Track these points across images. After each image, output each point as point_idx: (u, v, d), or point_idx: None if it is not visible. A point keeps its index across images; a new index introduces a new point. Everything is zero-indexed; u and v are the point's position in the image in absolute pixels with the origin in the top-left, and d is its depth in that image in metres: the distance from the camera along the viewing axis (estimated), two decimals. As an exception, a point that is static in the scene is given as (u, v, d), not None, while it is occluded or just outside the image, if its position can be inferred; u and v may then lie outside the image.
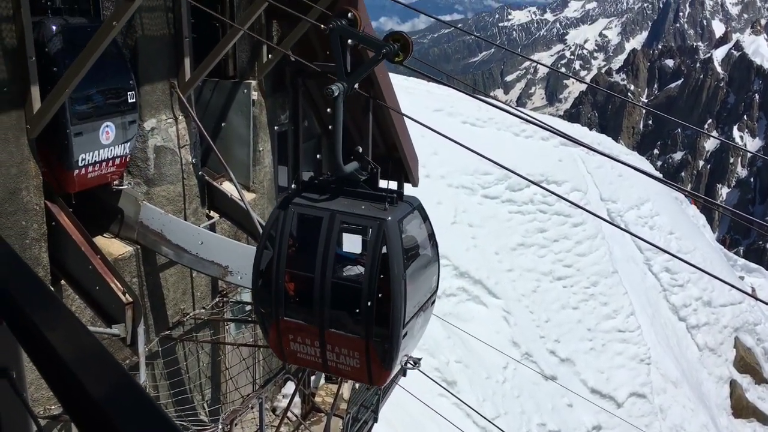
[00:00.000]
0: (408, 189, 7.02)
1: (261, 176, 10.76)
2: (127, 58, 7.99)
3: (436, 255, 6.82)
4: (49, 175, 7.32)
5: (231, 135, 10.48)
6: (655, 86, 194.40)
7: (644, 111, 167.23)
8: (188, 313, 9.52)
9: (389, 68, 10.00)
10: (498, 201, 25.02)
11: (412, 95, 25.91)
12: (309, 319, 6.28)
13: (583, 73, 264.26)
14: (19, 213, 6.87)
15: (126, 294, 7.37)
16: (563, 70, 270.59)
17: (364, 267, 6.14)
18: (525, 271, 23.93)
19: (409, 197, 6.58)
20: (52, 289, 5.37)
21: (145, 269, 8.69)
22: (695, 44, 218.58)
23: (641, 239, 9.73)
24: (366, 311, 6.00)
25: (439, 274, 6.94)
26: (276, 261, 6.28)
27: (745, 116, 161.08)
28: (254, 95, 10.34)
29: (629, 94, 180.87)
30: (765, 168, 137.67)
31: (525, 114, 9.73)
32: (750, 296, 11.57)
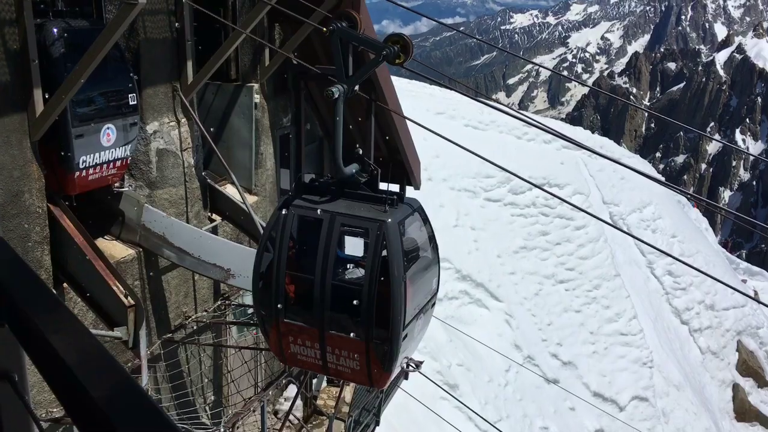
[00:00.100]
0: (410, 192, 7.02)
1: (263, 179, 10.76)
2: (129, 61, 8.00)
3: (437, 257, 6.81)
4: (51, 178, 7.33)
5: (233, 138, 10.49)
6: (658, 89, 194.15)
7: (646, 114, 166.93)
8: (190, 316, 9.52)
9: (391, 71, 10.02)
10: (500, 204, 25.00)
11: (415, 98, 25.91)
12: (309, 321, 6.27)
13: (585, 77, 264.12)
14: (22, 216, 6.87)
15: (128, 297, 7.37)
16: (565, 73, 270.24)
17: (364, 269, 6.14)
18: (527, 274, 23.89)
19: (410, 199, 6.58)
20: (54, 292, 5.37)
21: (147, 272, 8.69)
22: (697, 47, 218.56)
23: (644, 242, 9.69)
24: (366, 313, 5.99)
25: (440, 276, 6.94)
26: (276, 263, 6.27)
27: (748, 119, 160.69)
28: (256, 98, 10.35)
29: (631, 98, 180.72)
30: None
31: (527, 117, 9.73)
32: (752, 299, 11.55)
